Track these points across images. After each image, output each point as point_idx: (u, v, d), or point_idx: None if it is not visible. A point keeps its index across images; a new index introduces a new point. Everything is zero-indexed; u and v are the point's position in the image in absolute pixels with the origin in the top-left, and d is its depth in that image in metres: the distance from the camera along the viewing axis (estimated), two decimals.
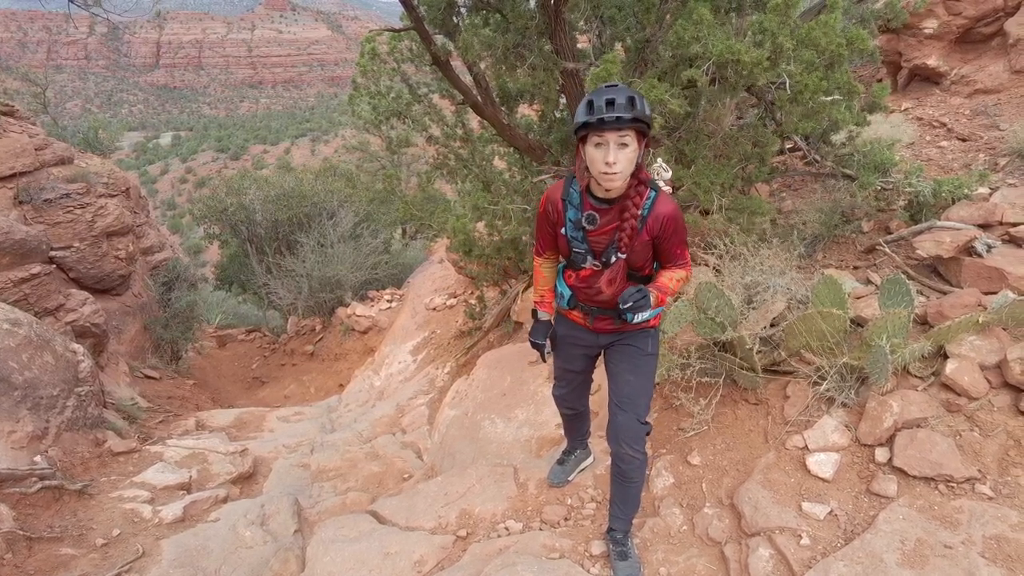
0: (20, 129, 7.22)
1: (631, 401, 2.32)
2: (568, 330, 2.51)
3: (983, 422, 2.49)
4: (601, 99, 1.87)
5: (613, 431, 2.40)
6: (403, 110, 5.48)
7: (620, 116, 1.85)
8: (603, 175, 1.96)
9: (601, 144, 1.92)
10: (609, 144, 1.91)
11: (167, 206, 70.45)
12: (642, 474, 2.43)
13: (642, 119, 1.89)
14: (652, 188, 2.09)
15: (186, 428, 6.02)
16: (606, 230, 2.13)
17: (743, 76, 3.14)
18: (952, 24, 5.64)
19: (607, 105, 1.86)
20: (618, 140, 1.90)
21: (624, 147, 1.92)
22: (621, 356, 2.40)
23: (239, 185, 13.11)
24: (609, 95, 1.87)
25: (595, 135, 1.92)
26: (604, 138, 1.91)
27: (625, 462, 2.38)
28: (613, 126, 1.87)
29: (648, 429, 2.37)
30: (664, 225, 2.08)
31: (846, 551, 2.22)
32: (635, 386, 2.34)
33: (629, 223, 2.07)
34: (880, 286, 3.09)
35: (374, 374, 8.18)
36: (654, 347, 2.38)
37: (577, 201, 2.16)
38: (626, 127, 1.88)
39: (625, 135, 1.90)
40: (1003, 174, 4.25)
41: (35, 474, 3.89)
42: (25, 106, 8.82)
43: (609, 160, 1.91)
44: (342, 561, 2.79)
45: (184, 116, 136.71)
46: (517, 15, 3.89)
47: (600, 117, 1.86)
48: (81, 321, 6.50)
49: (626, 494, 2.48)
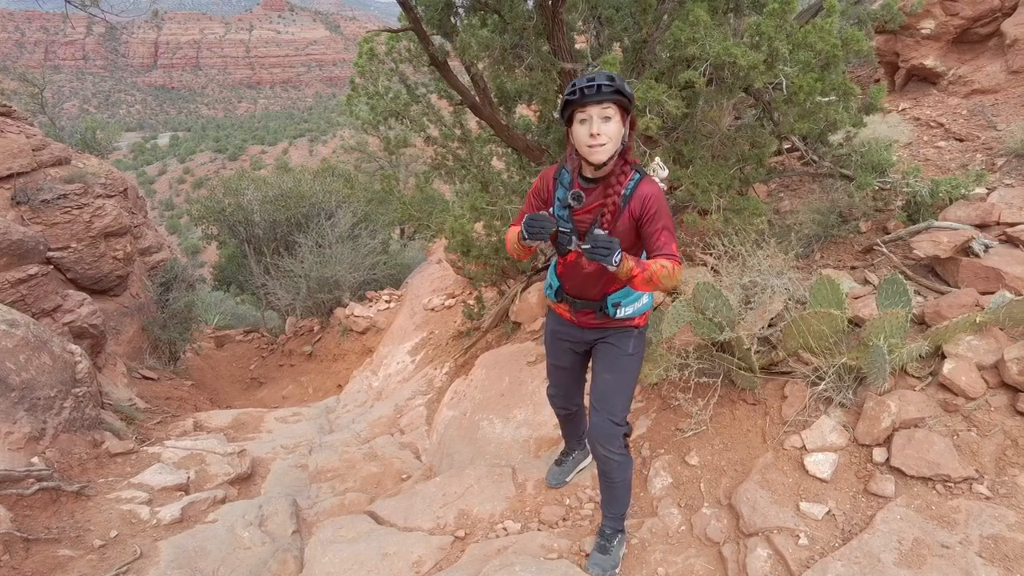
0: (17, 130, 7.20)
1: (605, 400, 2.34)
2: (555, 324, 2.55)
3: (980, 422, 2.49)
4: (583, 80, 1.97)
5: (588, 431, 2.44)
6: (401, 110, 5.47)
7: (600, 86, 1.94)
8: (589, 148, 2.02)
9: (585, 120, 2.00)
10: (592, 118, 1.98)
11: (165, 206, 70.38)
12: (623, 474, 2.43)
13: (622, 92, 1.97)
14: (638, 171, 2.12)
15: (184, 429, 6.01)
16: (591, 208, 2.16)
17: (740, 78, 3.15)
18: (949, 24, 5.65)
19: (588, 82, 1.95)
20: (601, 113, 1.98)
21: (607, 120, 1.99)
22: (601, 355, 2.42)
23: (237, 185, 13.07)
24: (591, 76, 1.97)
25: (579, 112, 2.00)
26: (587, 112, 1.98)
27: (602, 462, 2.41)
28: (594, 99, 1.95)
29: (625, 429, 2.38)
30: (646, 205, 2.08)
31: (844, 551, 2.23)
32: (611, 385, 2.35)
33: (612, 199, 2.10)
34: (878, 286, 3.09)
35: (372, 375, 8.17)
36: (636, 348, 2.38)
37: (567, 181, 2.21)
38: (607, 99, 1.96)
39: (607, 107, 1.98)
40: (1000, 174, 4.26)
41: (32, 475, 3.88)
42: (22, 106, 8.82)
43: (593, 131, 1.98)
44: (340, 562, 2.79)
45: (182, 116, 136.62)
46: (515, 16, 3.89)
47: (581, 88, 1.95)
48: (79, 322, 6.49)
49: (610, 493, 2.51)
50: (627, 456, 2.42)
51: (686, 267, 4.30)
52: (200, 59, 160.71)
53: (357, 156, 16.59)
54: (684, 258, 4.48)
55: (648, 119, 3.18)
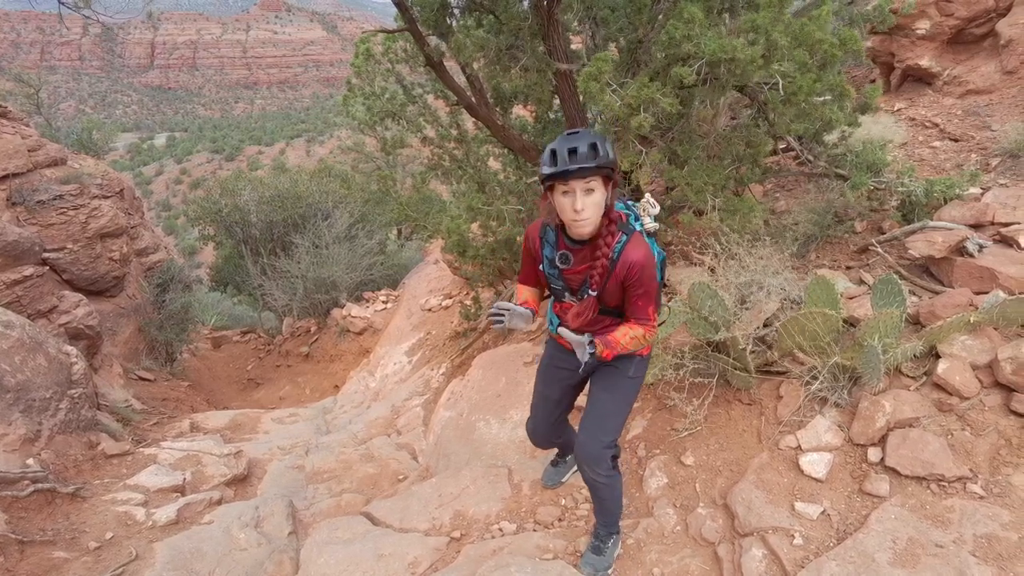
0: (13, 130, 7.18)
1: (598, 422, 2.33)
2: (555, 351, 2.55)
3: (974, 421, 2.50)
4: (564, 148, 1.89)
5: (576, 451, 2.43)
6: (398, 111, 5.47)
7: (582, 166, 1.87)
8: (572, 222, 1.99)
9: (568, 192, 1.95)
10: (576, 192, 1.93)
11: (162, 207, 70.22)
12: (611, 492, 2.44)
13: (606, 165, 1.91)
14: (625, 232, 2.08)
15: (180, 430, 5.99)
16: (580, 269, 2.15)
17: (736, 75, 3.15)
18: (944, 25, 5.66)
19: (570, 155, 1.88)
20: (584, 187, 1.93)
21: (590, 192, 1.94)
22: (601, 375, 2.41)
23: (234, 186, 13.04)
24: (571, 143, 1.89)
25: (561, 184, 1.94)
26: (570, 186, 1.93)
27: (589, 483, 2.43)
28: (578, 175, 1.89)
29: (614, 452, 2.35)
30: (630, 273, 2.06)
31: (838, 551, 2.23)
32: (607, 405, 2.34)
33: (600, 262, 2.08)
34: (872, 286, 3.10)
35: (369, 375, 8.17)
36: (637, 371, 2.37)
37: (553, 239, 2.19)
38: (590, 175, 1.91)
39: (591, 181, 1.93)
40: (995, 174, 4.27)
41: (27, 477, 3.86)
42: (18, 107, 8.78)
43: (577, 207, 1.94)
44: (336, 563, 2.79)
45: (179, 117, 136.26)
46: (510, 16, 3.89)
47: (565, 168, 1.88)
48: (75, 323, 6.47)
49: (599, 506, 2.53)
50: (614, 476, 2.40)
51: (682, 267, 4.32)
52: (197, 59, 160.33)
53: (354, 156, 16.56)
54: (680, 257, 4.49)
55: (641, 117, 3.18)
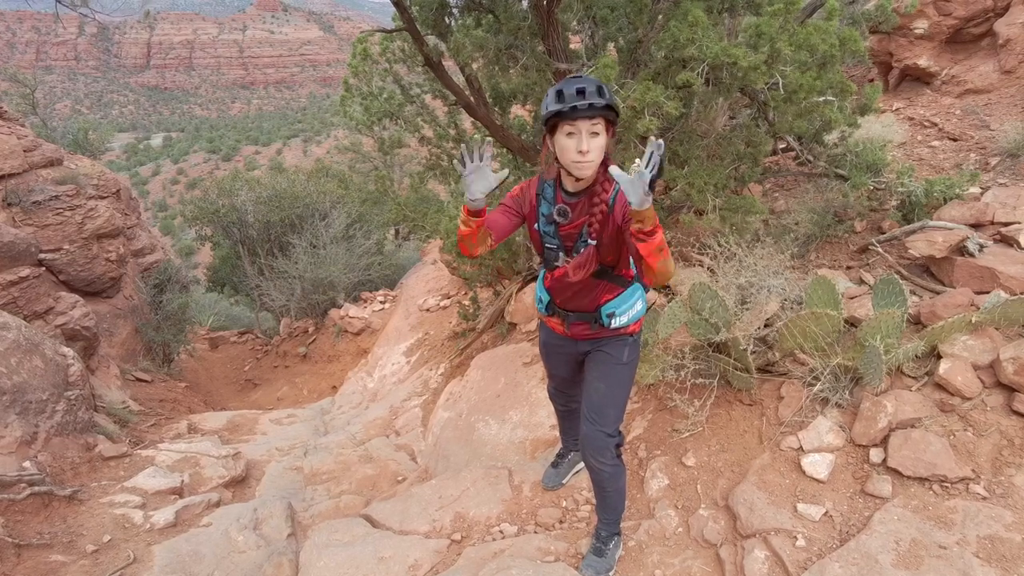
0: (8, 130, 7.14)
1: (598, 411, 2.32)
2: (549, 337, 2.54)
3: (977, 422, 2.50)
4: (571, 88, 1.88)
5: (580, 442, 2.42)
6: (395, 111, 5.46)
7: (592, 103, 1.86)
8: (575, 163, 1.97)
9: (573, 133, 1.93)
10: (581, 133, 1.91)
11: (158, 208, 69.94)
12: (616, 483, 2.43)
13: (613, 107, 1.92)
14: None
15: (178, 431, 5.97)
16: (576, 223, 2.13)
17: (738, 79, 3.14)
18: (942, 24, 5.67)
19: (578, 93, 1.87)
20: (590, 128, 1.91)
21: (595, 135, 1.93)
22: (595, 363, 2.39)
23: (231, 186, 13.00)
24: (579, 84, 1.88)
25: (567, 124, 1.92)
26: (576, 127, 1.91)
27: (594, 472, 2.42)
28: (585, 114, 1.88)
29: (617, 440, 2.36)
30: (627, 208, 2.00)
31: (841, 552, 2.22)
32: (604, 395, 2.33)
33: (599, 208, 2.06)
34: (873, 286, 3.09)
35: (367, 376, 8.14)
36: (631, 356, 2.36)
37: (550, 196, 2.17)
38: (597, 115, 1.90)
39: (596, 123, 1.92)
40: (994, 174, 4.27)
41: (24, 480, 3.84)
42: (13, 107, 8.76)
43: (582, 148, 1.92)
44: (336, 566, 2.77)
45: (175, 117, 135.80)
46: (509, 16, 3.89)
47: (573, 105, 1.86)
48: (71, 324, 6.44)
49: (603, 501, 2.52)
50: (619, 466, 2.41)
51: (682, 268, 4.30)
52: (193, 59, 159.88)
53: (351, 157, 16.54)
54: (680, 259, 4.48)
55: (648, 121, 3.17)
